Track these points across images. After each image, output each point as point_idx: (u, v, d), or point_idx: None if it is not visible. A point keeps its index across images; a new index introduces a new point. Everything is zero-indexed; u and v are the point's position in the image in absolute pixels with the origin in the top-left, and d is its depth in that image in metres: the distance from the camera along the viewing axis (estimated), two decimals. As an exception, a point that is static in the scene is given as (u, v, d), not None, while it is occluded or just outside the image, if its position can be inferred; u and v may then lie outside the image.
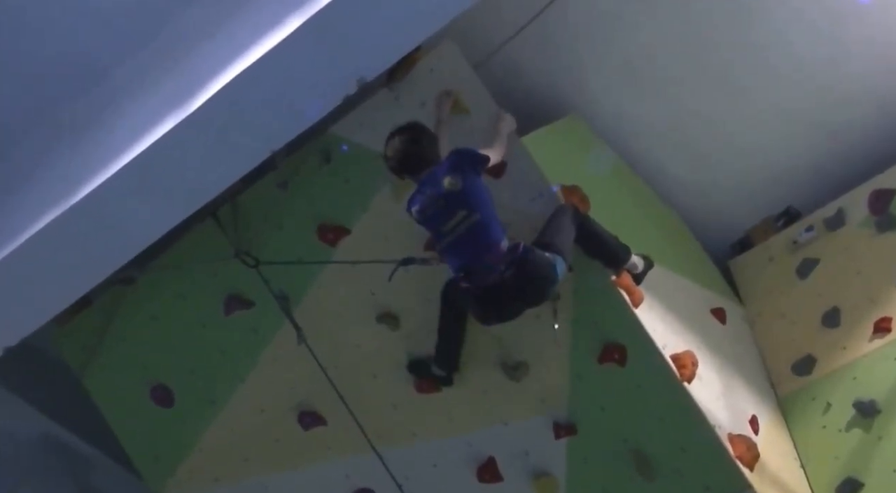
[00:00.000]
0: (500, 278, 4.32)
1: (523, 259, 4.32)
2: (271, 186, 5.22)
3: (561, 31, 6.15)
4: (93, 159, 4.55)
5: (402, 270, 4.69)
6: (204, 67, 4.42)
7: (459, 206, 4.33)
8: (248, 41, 4.29)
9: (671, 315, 5.17)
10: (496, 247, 4.34)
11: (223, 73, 4.31)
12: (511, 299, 4.40)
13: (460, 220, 4.33)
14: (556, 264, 4.38)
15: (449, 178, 4.33)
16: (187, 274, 5.42)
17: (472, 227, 4.33)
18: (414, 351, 5.18)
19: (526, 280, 4.33)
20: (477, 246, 4.34)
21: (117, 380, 5.69)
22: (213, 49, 4.44)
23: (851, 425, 5.26)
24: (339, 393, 5.34)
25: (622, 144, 6.45)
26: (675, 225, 6.59)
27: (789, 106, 6.34)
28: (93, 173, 4.49)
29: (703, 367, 4.97)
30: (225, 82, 4.26)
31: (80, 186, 4.49)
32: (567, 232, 4.56)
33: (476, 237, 4.34)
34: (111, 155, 4.47)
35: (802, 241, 6.08)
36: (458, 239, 4.36)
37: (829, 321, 5.65)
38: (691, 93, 6.36)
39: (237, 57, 4.30)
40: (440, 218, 4.38)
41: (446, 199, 4.34)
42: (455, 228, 4.35)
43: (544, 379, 4.97)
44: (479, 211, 4.33)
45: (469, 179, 4.34)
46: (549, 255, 4.37)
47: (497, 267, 4.32)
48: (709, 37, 6.18)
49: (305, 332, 5.25)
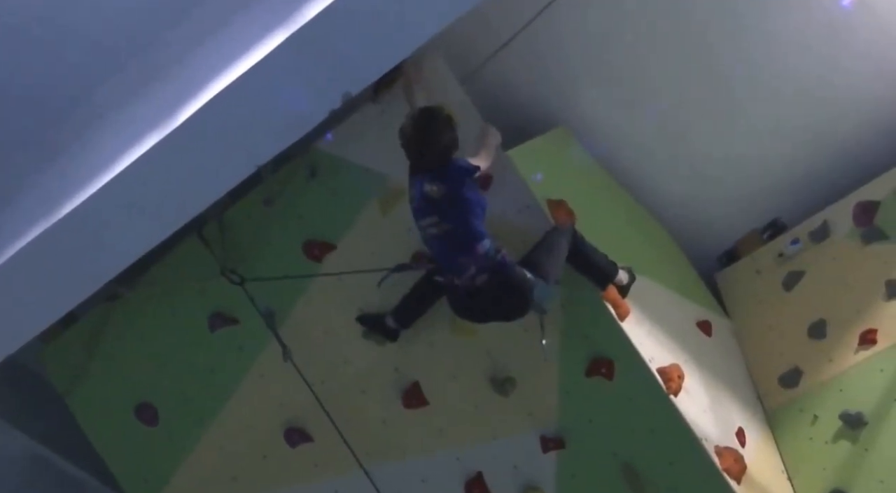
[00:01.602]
0: (472, 282, 4.34)
1: (499, 270, 4.33)
2: (257, 203, 5.23)
3: (548, 44, 6.19)
4: (77, 176, 4.54)
5: (388, 283, 4.70)
6: (188, 83, 4.42)
7: (433, 212, 4.35)
8: (233, 56, 4.29)
9: (658, 328, 5.19)
10: (471, 249, 4.33)
11: (207, 88, 4.31)
12: (478, 306, 4.43)
13: (430, 224, 4.36)
14: (536, 286, 4.35)
15: (432, 185, 4.33)
16: (173, 291, 5.42)
17: (443, 235, 4.35)
18: (401, 365, 5.19)
19: (498, 294, 4.35)
20: (449, 248, 4.36)
21: (102, 399, 5.68)
22: (197, 65, 4.45)
23: (838, 436, 5.29)
24: (326, 410, 5.34)
25: (609, 156, 6.49)
26: (662, 238, 6.62)
27: (776, 119, 6.40)
28: (78, 190, 4.48)
29: (689, 380, 5.00)
30: (209, 98, 4.26)
31: (65, 203, 4.49)
32: (558, 255, 4.56)
33: (445, 243, 4.36)
34: (96, 172, 4.47)
35: (789, 253, 6.12)
36: (432, 237, 4.40)
37: (816, 333, 5.68)
38: (678, 106, 6.40)
39: (221, 72, 4.30)
40: (418, 214, 4.42)
41: (425, 201, 4.36)
42: (426, 228, 4.39)
43: (532, 394, 4.98)
44: (450, 222, 4.32)
45: (451, 189, 4.32)
46: (530, 275, 4.36)
47: (467, 269, 4.34)
48: (697, 50, 6.24)
49: (292, 349, 5.25)
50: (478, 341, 5.01)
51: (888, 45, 6.13)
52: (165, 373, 5.56)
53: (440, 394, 5.14)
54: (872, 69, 6.20)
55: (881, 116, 6.33)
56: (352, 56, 4.27)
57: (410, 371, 5.18)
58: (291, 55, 4.18)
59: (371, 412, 5.28)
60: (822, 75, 6.23)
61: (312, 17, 4.10)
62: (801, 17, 6.07)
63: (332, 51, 4.23)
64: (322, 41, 4.17)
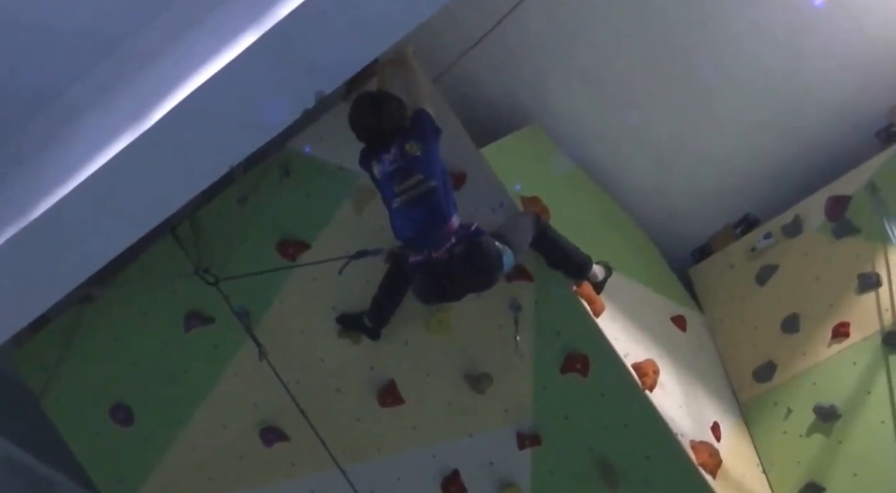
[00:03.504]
0: (449, 254, 4.37)
1: (474, 240, 4.38)
2: (230, 202, 5.22)
3: (520, 42, 6.22)
4: (49, 177, 4.53)
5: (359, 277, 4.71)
6: (160, 83, 4.41)
7: (417, 170, 4.38)
8: (205, 56, 4.29)
9: (632, 324, 5.23)
10: (447, 220, 4.39)
11: (180, 88, 4.31)
12: (456, 278, 4.43)
13: (415, 183, 4.38)
14: (504, 254, 4.41)
15: (410, 143, 4.40)
16: (147, 292, 5.41)
17: (426, 193, 4.37)
18: (377, 364, 5.22)
19: (473, 261, 4.38)
20: (428, 213, 4.39)
21: (76, 400, 5.66)
22: (169, 64, 4.44)
23: (812, 430, 5.35)
24: (301, 409, 5.36)
25: (582, 152, 6.52)
26: (636, 233, 6.67)
27: (748, 113, 6.44)
28: (50, 191, 4.47)
29: (664, 375, 5.04)
30: (182, 98, 4.26)
31: (37, 204, 4.47)
32: (523, 232, 4.62)
33: (428, 204, 4.38)
34: (68, 172, 4.45)
35: (761, 247, 6.17)
36: (410, 201, 4.40)
37: (789, 327, 5.73)
38: (651, 101, 6.44)
39: (193, 72, 4.30)
40: (395, 177, 4.42)
41: (405, 161, 4.40)
42: (408, 190, 4.40)
43: (508, 390, 5.01)
44: (435, 179, 4.38)
45: (429, 147, 4.42)
46: (498, 244, 4.42)
47: (446, 241, 4.37)
48: (668, 46, 6.27)
49: (267, 348, 5.25)
50: (453, 338, 5.04)
51: (859, 40, 6.18)
52: (140, 373, 5.55)
53: (416, 392, 5.16)
54: (843, 63, 6.25)
55: (852, 111, 6.38)
56: (325, 54, 4.29)
57: (386, 369, 5.20)
58: (264, 54, 4.19)
59: (347, 410, 5.30)
60: (793, 69, 6.27)
61: (285, 15, 4.11)
62: (773, 13, 6.12)
63: (305, 49, 4.24)
64: (295, 39, 4.18)
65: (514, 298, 4.88)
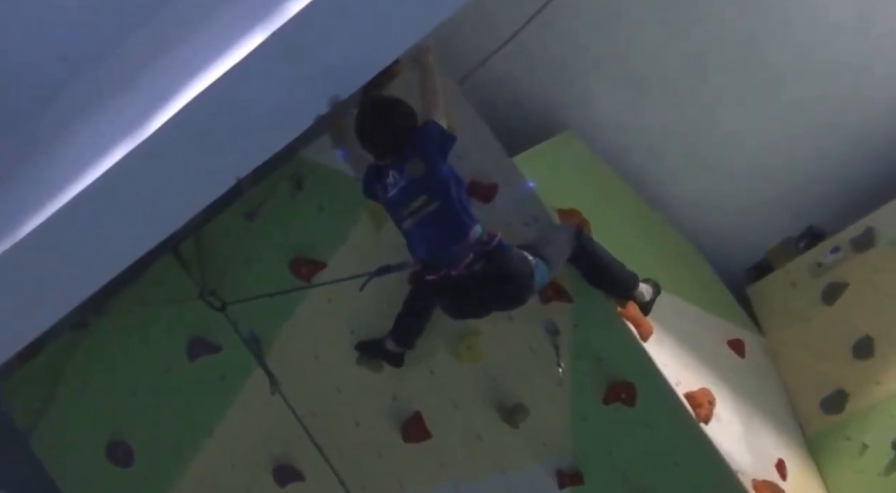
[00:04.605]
0: (469, 271, 4.36)
1: (496, 253, 4.36)
2: (238, 218, 5.27)
3: (552, 40, 6.23)
4: (38, 191, 4.51)
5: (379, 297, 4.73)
6: (160, 88, 4.40)
7: (421, 190, 4.41)
8: (210, 57, 4.27)
9: (684, 349, 5.21)
10: (463, 235, 4.38)
11: (182, 93, 4.30)
12: (478, 296, 4.42)
13: (421, 204, 4.41)
14: (536, 268, 4.38)
15: (412, 162, 4.43)
16: (146, 317, 5.45)
17: (434, 212, 4.39)
18: (400, 394, 5.23)
19: (496, 277, 4.35)
20: (440, 232, 4.40)
21: (69, 437, 5.70)
22: (170, 67, 4.43)
23: (891, 468, 5.27)
24: (317, 444, 5.38)
25: (623, 161, 6.52)
26: (685, 248, 6.65)
27: (811, 113, 6.41)
28: (39, 206, 4.45)
29: (720, 405, 5.00)
30: (184, 104, 4.25)
31: (25, 222, 4.46)
32: (562, 245, 4.61)
33: (438, 224, 4.40)
34: (59, 186, 4.44)
35: (828, 263, 6.15)
36: (420, 222, 4.43)
37: (861, 352, 5.70)
38: (699, 102, 6.43)
39: (197, 75, 4.29)
40: (400, 200, 4.46)
41: (408, 182, 4.43)
42: (416, 212, 4.43)
43: (545, 422, 4.99)
44: (440, 198, 4.39)
45: (433, 163, 4.42)
46: (529, 256, 4.39)
47: (463, 258, 4.36)
48: (718, 38, 6.25)
49: (279, 377, 5.29)
50: (483, 365, 5.04)
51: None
52: (140, 407, 5.59)
53: (443, 425, 5.16)
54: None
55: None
56: (339, 56, 4.30)
57: (410, 400, 5.20)
58: (273, 56, 4.17)
59: (367, 445, 5.30)
60: (865, 65, 6.25)
61: (296, 12, 4.09)
62: (836, 5, 6.10)
63: (318, 50, 4.24)
64: (307, 40, 4.17)
65: (551, 320, 4.88)
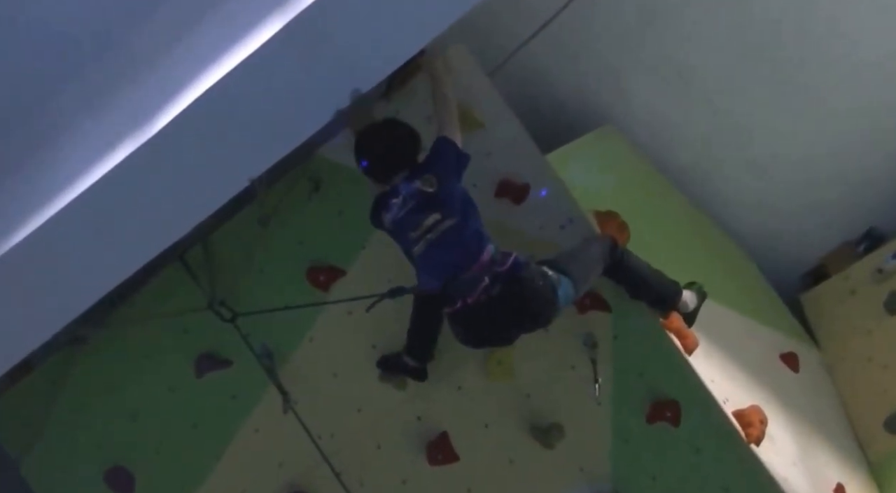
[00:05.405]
0: (486, 295, 4.30)
1: (513, 273, 4.30)
2: (250, 222, 5.26)
3: (589, 29, 6.23)
4: (35, 195, 4.52)
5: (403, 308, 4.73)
6: (166, 82, 4.41)
7: (432, 208, 4.39)
8: (220, 49, 4.29)
9: (732, 363, 5.21)
10: (478, 254, 4.34)
11: (189, 88, 4.31)
12: (500, 321, 4.36)
13: (432, 224, 4.38)
14: (560, 285, 4.31)
15: (425, 177, 4.41)
16: (150, 330, 5.44)
17: (446, 232, 4.37)
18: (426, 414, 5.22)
19: (517, 299, 4.29)
20: (455, 252, 4.36)
21: (63, 463, 5.67)
22: (177, 60, 4.45)
23: (961, 494, 5.28)
24: (335, 470, 5.37)
25: (665, 159, 6.52)
26: (733, 253, 6.64)
27: (870, 110, 6.39)
28: (34, 211, 4.47)
29: (773, 425, 5.00)
30: (192, 99, 4.26)
31: (19, 227, 4.47)
32: (592, 261, 4.57)
33: (453, 243, 4.37)
34: (57, 189, 4.45)
35: (890, 269, 6.13)
36: (430, 247, 4.40)
37: (928, 367, 5.68)
38: (747, 96, 6.43)
39: (205, 69, 4.30)
40: (408, 221, 4.44)
41: (417, 200, 4.41)
42: (425, 235, 4.39)
43: (582, 444, 5.00)
44: (456, 215, 4.38)
45: (447, 181, 4.42)
46: (551, 272, 4.33)
47: (479, 283, 4.31)
48: (769, 30, 6.25)
49: (294, 395, 5.28)
50: (515, 382, 5.04)
51: None
52: (142, 429, 5.56)
53: (472, 447, 5.17)
54: None
55: None
56: (360, 47, 4.31)
57: (436, 420, 5.21)
58: (289, 46, 4.18)
59: (390, 470, 5.30)
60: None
61: (313, 0, 4.11)
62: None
63: (338, 40, 4.25)
64: (325, 29, 4.18)
65: (589, 333, 4.87)
